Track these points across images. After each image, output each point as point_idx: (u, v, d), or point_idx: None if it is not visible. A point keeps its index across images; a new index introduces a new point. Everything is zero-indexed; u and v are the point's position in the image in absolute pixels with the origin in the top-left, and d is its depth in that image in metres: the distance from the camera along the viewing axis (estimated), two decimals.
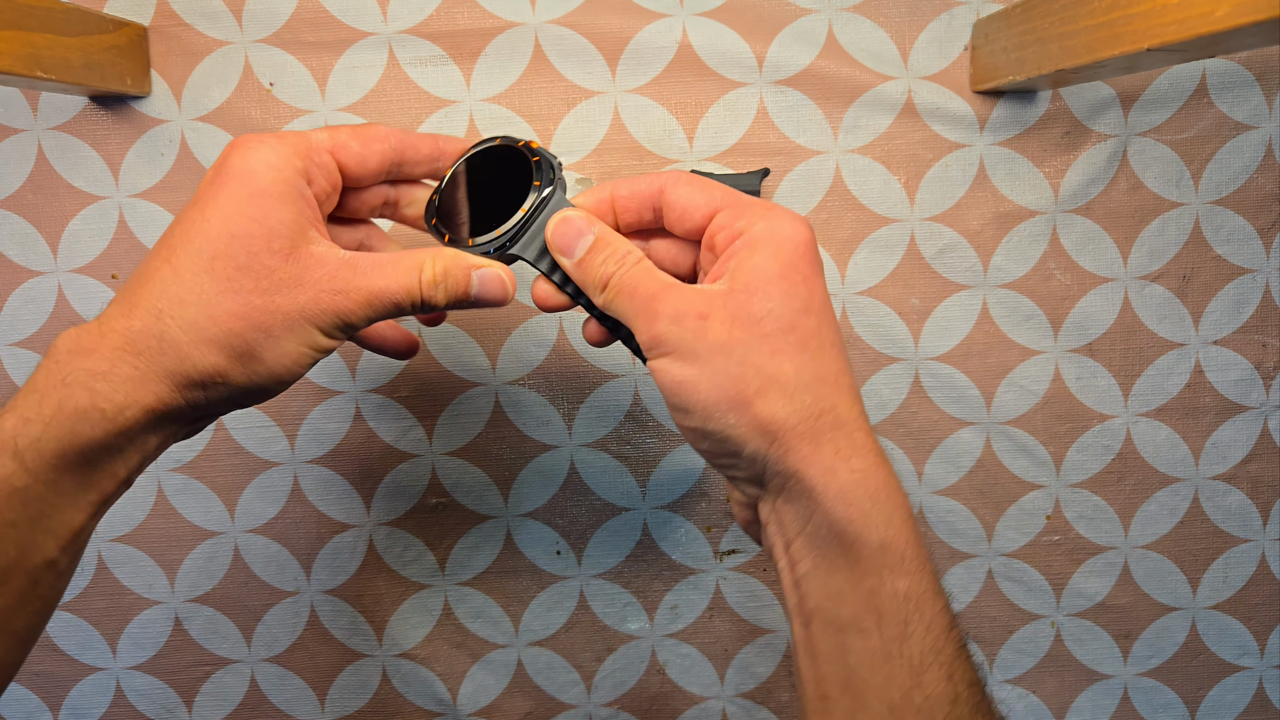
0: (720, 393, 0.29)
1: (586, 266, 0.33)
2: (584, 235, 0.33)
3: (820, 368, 0.30)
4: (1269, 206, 0.48)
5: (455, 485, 0.50)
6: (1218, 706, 0.51)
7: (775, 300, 0.30)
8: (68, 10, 0.40)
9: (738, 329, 0.30)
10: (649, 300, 0.31)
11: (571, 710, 0.51)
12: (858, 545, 0.29)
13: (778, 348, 0.30)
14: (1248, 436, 0.49)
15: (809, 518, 0.29)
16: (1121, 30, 0.32)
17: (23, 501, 0.28)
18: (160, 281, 0.30)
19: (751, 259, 0.31)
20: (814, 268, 0.31)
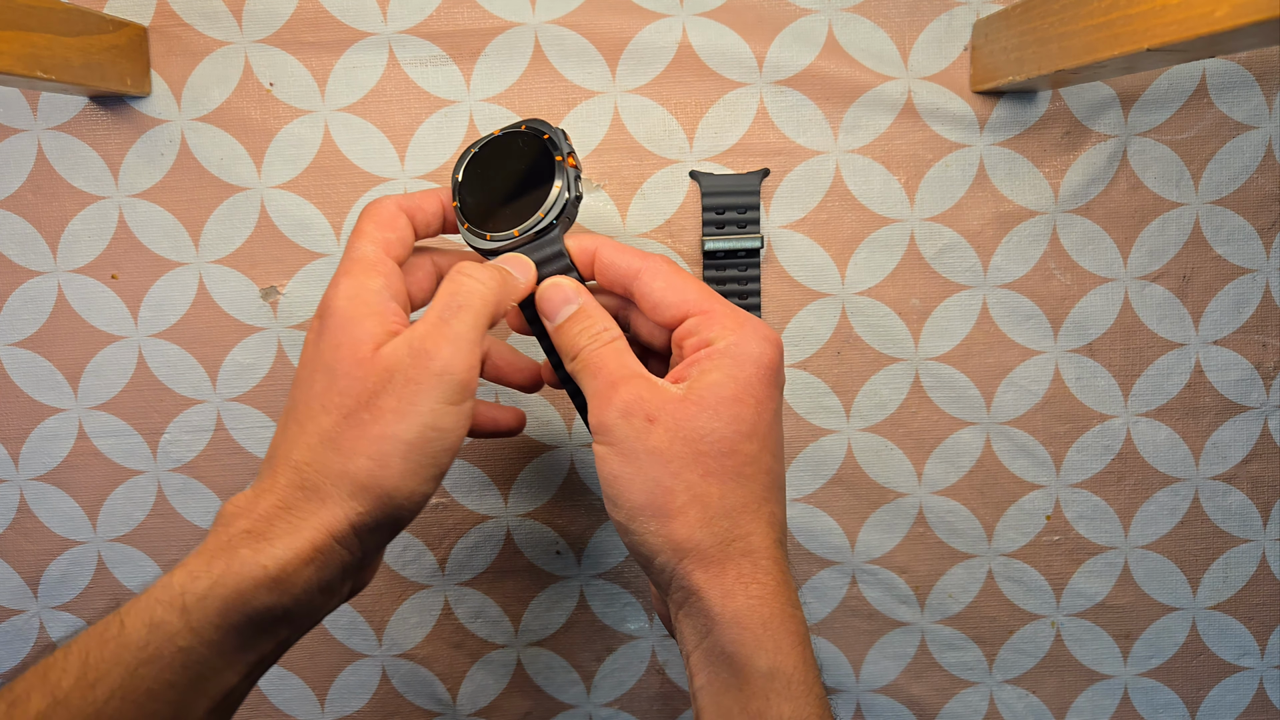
0: (647, 498, 0.31)
1: (563, 333, 0.34)
2: (568, 303, 0.34)
3: (746, 495, 0.31)
4: (1269, 206, 0.48)
5: (455, 485, 0.50)
6: (1218, 707, 0.51)
7: (721, 422, 0.31)
8: (68, 10, 0.40)
9: (678, 442, 0.31)
10: (608, 385, 0.32)
11: (571, 710, 0.51)
12: (746, 669, 0.30)
13: (711, 470, 0.31)
14: (1248, 436, 0.49)
15: (704, 636, 0.31)
16: (1121, 30, 0.32)
17: (184, 663, 0.28)
18: (290, 438, 0.31)
19: (711, 374, 0.32)
20: (769, 390, 0.32)
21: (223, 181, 0.47)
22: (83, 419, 0.49)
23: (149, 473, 0.49)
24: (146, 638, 0.28)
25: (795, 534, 0.50)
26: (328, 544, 0.30)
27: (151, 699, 0.28)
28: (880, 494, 0.49)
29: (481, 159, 0.37)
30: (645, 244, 0.48)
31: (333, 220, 0.47)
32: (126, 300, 0.48)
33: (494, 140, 0.37)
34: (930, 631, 0.50)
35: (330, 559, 0.30)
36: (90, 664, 0.28)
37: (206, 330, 0.48)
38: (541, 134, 0.36)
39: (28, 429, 0.49)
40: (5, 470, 0.49)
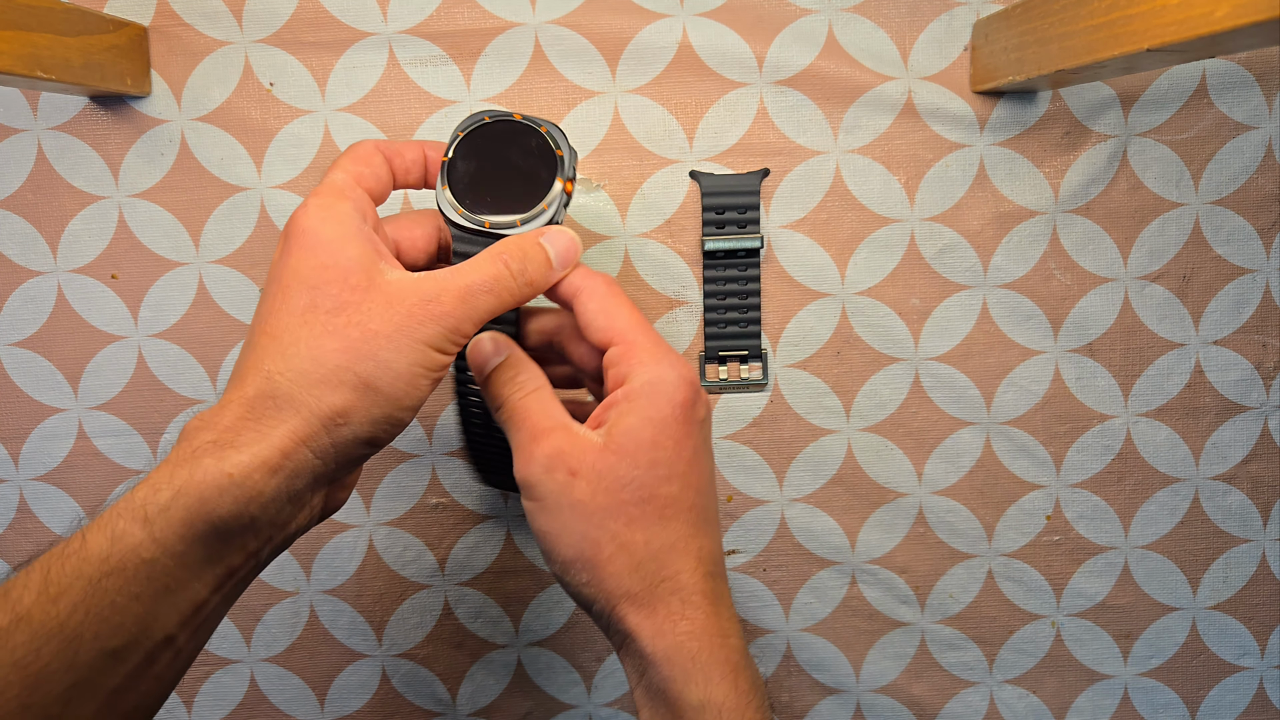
0: (575, 552, 0.32)
1: (491, 384, 0.35)
2: (494, 357, 0.35)
3: (671, 535, 0.32)
4: (1269, 206, 0.48)
5: (455, 485, 0.50)
6: (1218, 706, 0.51)
7: (640, 469, 0.32)
8: (68, 10, 0.40)
9: (600, 494, 0.32)
10: (530, 437, 0.33)
11: (571, 710, 0.51)
12: (679, 703, 0.31)
13: (634, 517, 0.32)
14: (1248, 436, 0.49)
15: (641, 675, 0.32)
16: (1121, 31, 0.32)
17: (149, 575, 0.27)
18: (261, 349, 0.30)
19: (627, 418, 0.32)
20: (685, 428, 0.33)
21: (223, 181, 0.47)
22: (83, 419, 0.49)
23: (149, 473, 0.49)
24: (109, 550, 0.27)
25: (795, 534, 0.50)
26: (297, 450, 0.29)
27: (115, 611, 0.27)
28: (880, 494, 0.49)
29: (477, 141, 0.36)
30: (645, 244, 0.48)
31: None
32: (126, 300, 0.48)
33: (490, 126, 0.36)
34: (930, 631, 0.50)
35: (300, 466, 0.29)
36: (51, 579, 0.27)
37: (206, 330, 0.48)
38: (539, 127, 0.36)
39: (28, 429, 0.49)
40: (5, 470, 0.49)
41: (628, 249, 0.48)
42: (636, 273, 0.48)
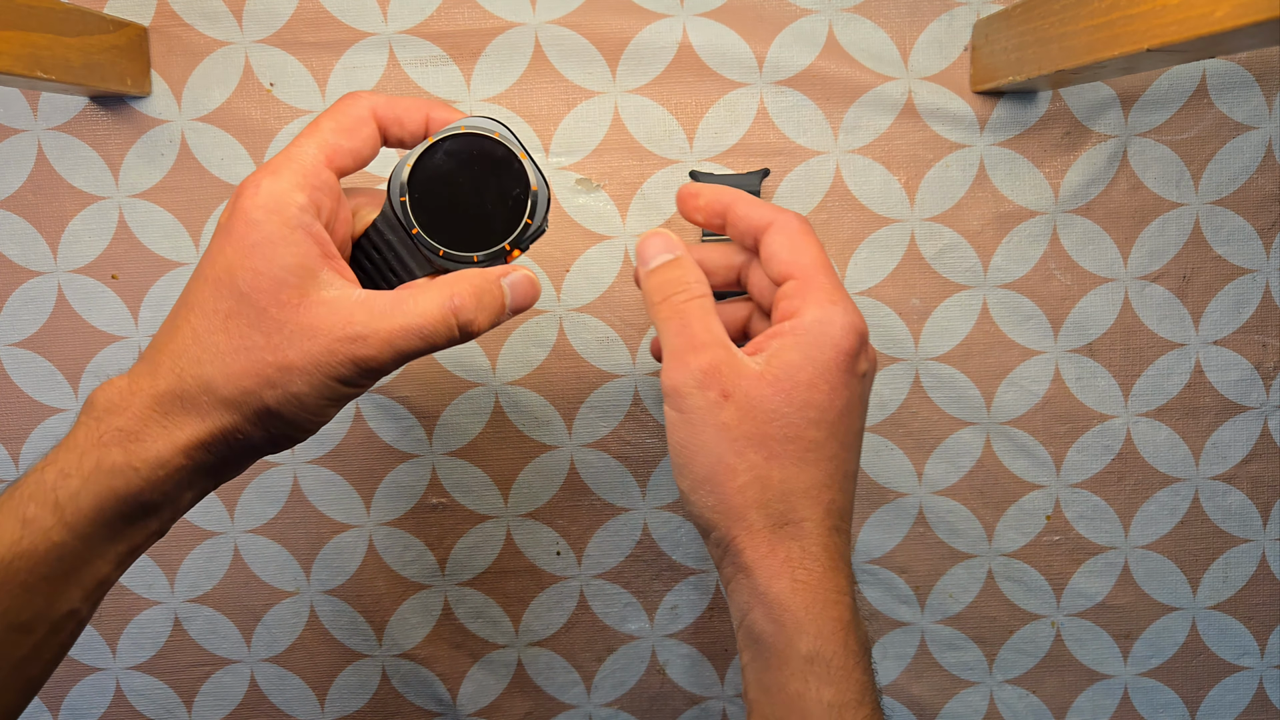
0: (709, 472, 0.31)
1: (655, 277, 0.34)
2: (665, 252, 0.35)
3: (805, 480, 0.32)
4: (1269, 207, 0.48)
5: (455, 485, 0.50)
6: (1218, 706, 0.51)
7: (792, 407, 0.31)
8: (68, 10, 0.40)
9: (747, 422, 0.31)
10: (689, 346, 0.32)
11: (571, 710, 0.51)
12: (787, 651, 0.31)
13: (775, 453, 0.31)
14: (1248, 436, 0.49)
15: (747, 613, 0.32)
16: (1121, 31, 0.32)
17: (59, 556, 0.28)
18: (180, 342, 0.30)
19: (789, 353, 0.32)
20: (846, 378, 0.32)
21: (223, 181, 0.47)
22: None
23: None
24: (20, 533, 0.28)
25: None
26: (197, 452, 0.30)
27: (26, 590, 0.28)
28: (880, 494, 0.49)
29: (450, 150, 0.33)
30: None
31: None
32: (126, 300, 0.48)
33: (468, 137, 0.33)
34: (930, 631, 0.50)
35: (200, 464, 0.30)
36: None
37: None
38: (491, 134, 0.33)
39: (28, 429, 0.49)
40: (5, 470, 0.49)
41: (628, 249, 0.48)
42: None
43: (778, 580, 0.31)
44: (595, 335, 0.48)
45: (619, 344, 0.48)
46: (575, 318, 0.48)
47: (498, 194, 0.34)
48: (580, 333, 0.48)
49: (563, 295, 0.48)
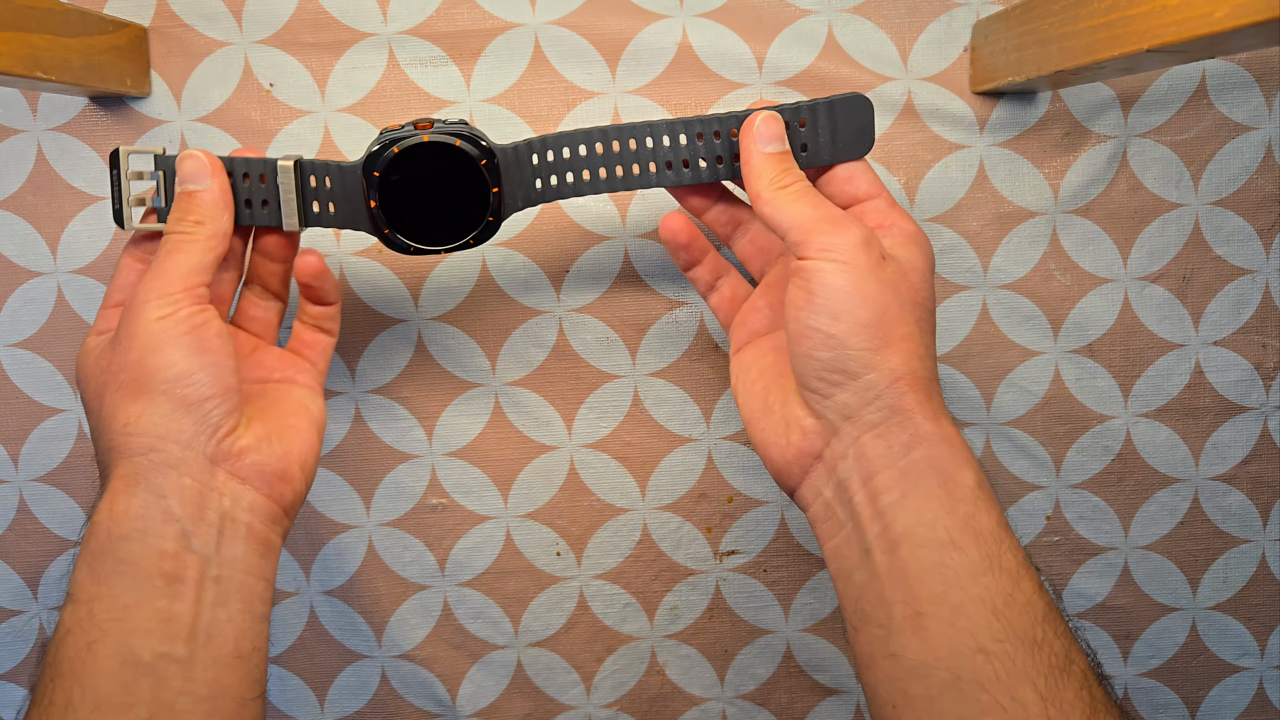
0: (875, 318, 0.32)
1: (781, 160, 0.36)
2: (780, 142, 0.37)
3: (933, 348, 0.35)
4: (1269, 207, 0.48)
5: (455, 485, 0.50)
6: (1218, 707, 0.51)
7: (926, 290, 0.35)
8: (68, 11, 0.40)
9: (904, 286, 0.34)
10: (839, 216, 0.34)
11: (571, 711, 0.51)
12: (955, 481, 0.32)
13: (922, 319, 0.34)
14: (1248, 437, 0.49)
15: (907, 452, 0.32)
16: (1121, 31, 0.32)
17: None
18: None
19: (906, 249, 0.35)
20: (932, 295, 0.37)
21: None
22: (82, 420, 0.49)
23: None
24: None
25: (795, 534, 0.50)
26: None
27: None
28: None
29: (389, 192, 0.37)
30: (645, 245, 0.48)
31: None
32: None
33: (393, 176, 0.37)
34: None
35: None
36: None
37: None
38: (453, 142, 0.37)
39: (28, 429, 0.49)
40: (5, 471, 0.49)
41: (628, 249, 0.48)
42: (637, 273, 0.48)
43: (940, 421, 0.33)
44: (595, 335, 0.48)
45: (619, 344, 0.48)
46: (575, 318, 0.48)
47: (460, 197, 0.38)
48: (580, 333, 0.48)
49: (563, 295, 0.48)
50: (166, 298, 0.33)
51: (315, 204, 0.38)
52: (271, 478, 0.34)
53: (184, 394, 0.33)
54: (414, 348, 0.48)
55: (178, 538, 0.32)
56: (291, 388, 0.39)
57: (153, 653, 0.30)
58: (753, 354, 0.39)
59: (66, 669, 0.30)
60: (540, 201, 0.39)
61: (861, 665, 0.33)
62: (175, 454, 0.32)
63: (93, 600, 0.31)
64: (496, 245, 0.47)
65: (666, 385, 0.49)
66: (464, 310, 0.48)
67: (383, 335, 0.48)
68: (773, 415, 0.36)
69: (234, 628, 0.32)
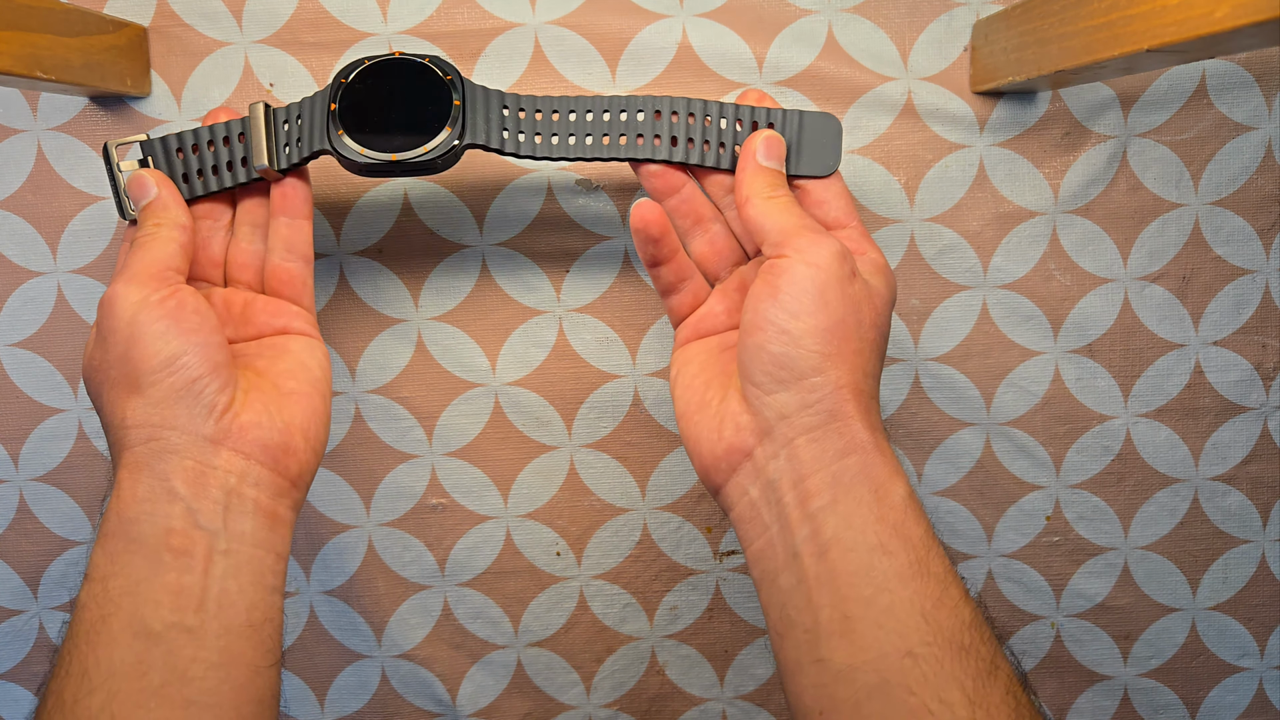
0: (832, 325, 0.33)
1: (768, 172, 0.37)
2: (778, 161, 0.38)
3: (878, 373, 0.35)
4: (1269, 207, 0.48)
5: (455, 486, 0.50)
6: (1218, 707, 0.51)
7: (884, 319, 0.35)
8: (68, 10, 0.40)
9: (865, 305, 0.34)
10: (815, 228, 0.35)
11: (571, 711, 0.51)
12: (886, 489, 0.32)
13: (876, 341, 0.35)
14: (1248, 437, 0.49)
15: (840, 458, 0.32)
16: (1121, 31, 0.32)
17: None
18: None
19: (873, 277, 0.36)
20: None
21: None
22: (83, 419, 0.49)
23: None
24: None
25: None
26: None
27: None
28: None
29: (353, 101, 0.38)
30: None
31: (332, 221, 0.47)
32: None
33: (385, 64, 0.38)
34: None
35: None
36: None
37: None
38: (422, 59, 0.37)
39: (28, 429, 0.49)
40: (5, 470, 0.49)
41: (628, 249, 0.48)
42: (637, 273, 0.48)
43: (878, 434, 0.33)
44: (595, 335, 0.48)
45: (619, 344, 0.48)
46: (575, 318, 0.48)
47: (422, 106, 0.37)
48: (580, 333, 0.48)
49: (563, 295, 0.48)
50: (136, 284, 0.34)
51: (287, 148, 0.39)
52: (275, 450, 0.34)
53: (173, 380, 0.33)
54: (414, 348, 0.48)
55: (183, 515, 0.32)
56: (288, 341, 0.39)
57: (164, 623, 0.31)
58: (697, 350, 0.39)
59: (82, 640, 0.31)
60: (507, 150, 0.38)
61: (786, 672, 0.33)
62: (174, 440, 0.33)
63: (106, 578, 0.32)
64: (497, 245, 0.47)
65: (667, 385, 0.49)
66: (464, 310, 0.48)
67: (383, 335, 0.48)
68: (708, 410, 0.36)
69: (245, 599, 0.33)
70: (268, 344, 0.39)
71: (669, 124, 0.38)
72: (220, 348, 0.34)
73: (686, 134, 0.38)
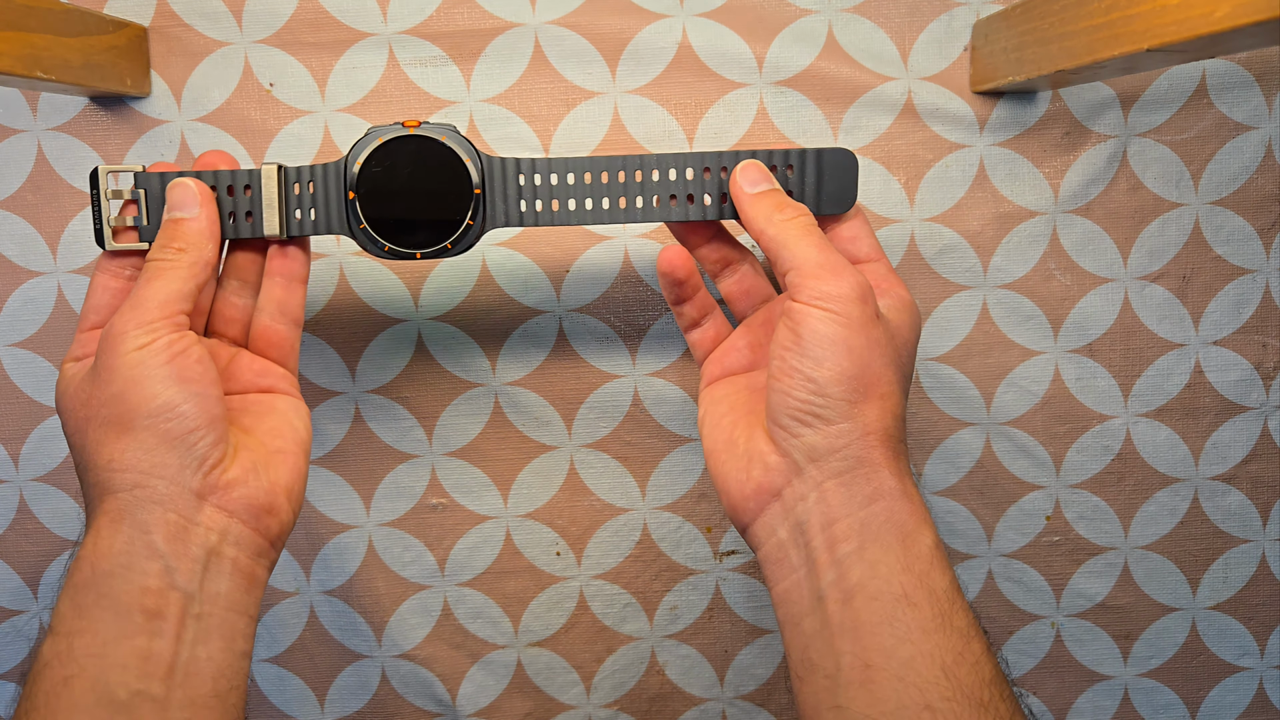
0: (858, 371, 0.33)
1: (769, 197, 0.37)
2: (767, 181, 0.37)
3: (904, 422, 0.35)
4: (1269, 207, 0.48)
5: (455, 485, 0.50)
6: (1218, 707, 0.51)
7: (909, 357, 0.36)
8: (68, 10, 0.40)
9: (890, 346, 0.34)
10: (839, 263, 0.34)
11: (571, 711, 0.51)
12: (914, 538, 0.32)
13: (900, 382, 0.34)
14: (1248, 436, 0.49)
15: (868, 504, 0.32)
16: (1121, 31, 0.32)
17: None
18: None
19: (896, 314, 0.36)
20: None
21: None
22: None
23: None
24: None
25: None
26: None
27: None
28: None
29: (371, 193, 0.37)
30: (645, 244, 0.48)
31: None
32: None
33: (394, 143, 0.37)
34: None
35: None
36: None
37: None
38: (439, 138, 0.36)
39: (28, 429, 0.49)
40: (5, 470, 0.49)
41: (628, 249, 0.48)
42: (636, 273, 0.48)
43: (906, 480, 0.33)
44: (595, 335, 0.48)
45: (619, 344, 0.48)
46: (575, 318, 0.48)
47: (442, 195, 0.37)
48: (580, 333, 0.48)
49: (563, 295, 0.48)
50: (144, 327, 0.33)
51: (298, 212, 0.37)
52: (259, 511, 0.34)
53: (168, 428, 0.32)
54: (414, 348, 0.48)
55: (161, 574, 0.31)
56: (274, 400, 0.38)
57: (129, 690, 0.30)
58: (725, 389, 0.39)
59: (41, 702, 0.30)
60: (525, 223, 0.38)
61: (805, 716, 0.33)
62: (161, 490, 0.32)
63: (72, 634, 0.30)
64: (496, 245, 0.47)
65: (666, 385, 0.49)
66: (464, 310, 0.48)
67: (383, 335, 0.48)
68: (736, 449, 0.36)
69: (213, 666, 0.32)
70: (253, 400, 0.38)
71: (684, 181, 0.38)
72: (218, 401, 0.33)
73: (702, 190, 0.38)
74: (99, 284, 0.37)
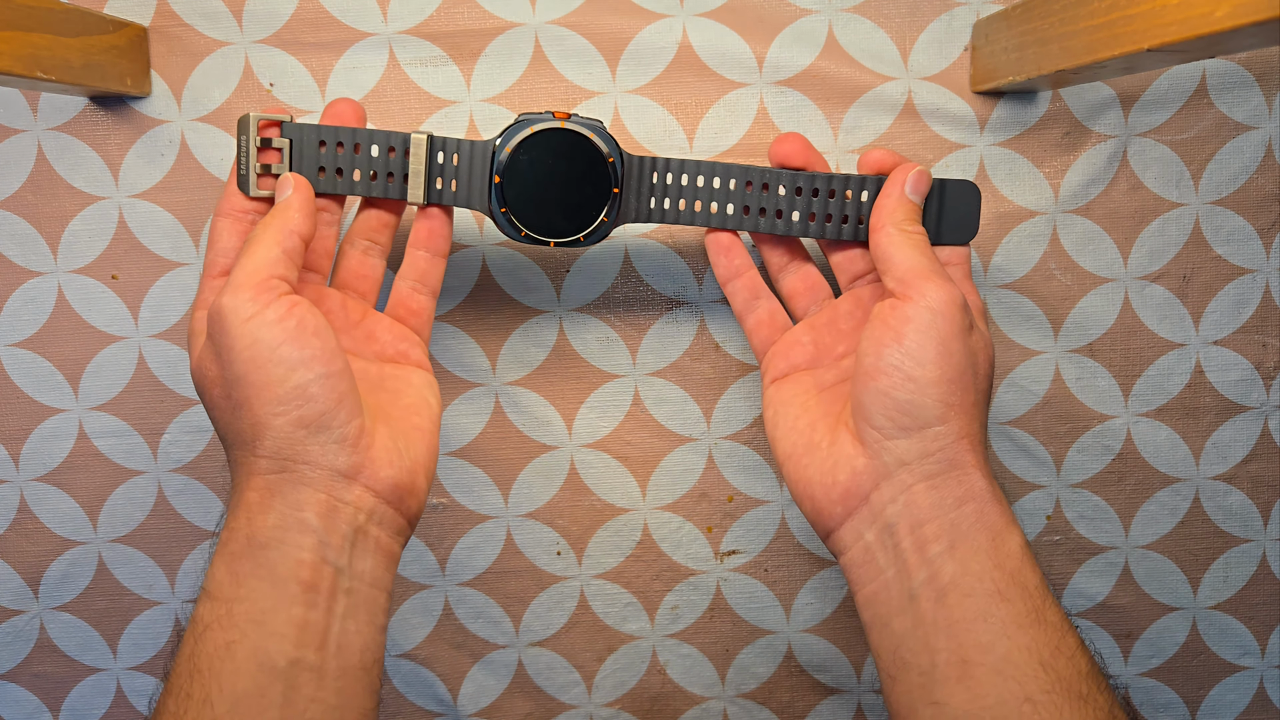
0: (954, 375, 0.34)
1: (917, 209, 0.38)
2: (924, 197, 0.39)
3: (987, 431, 0.37)
4: (1269, 207, 0.48)
5: (455, 485, 0.50)
6: (1218, 706, 0.52)
7: (990, 371, 0.37)
8: (68, 10, 0.40)
9: (979, 355, 0.35)
10: (941, 272, 0.35)
11: (572, 710, 0.51)
12: (1003, 538, 0.33)
13: (986, 392, 0.36)
14: (1248, 436, 0.49)
15: (959, 506, 0.33)
16: (1121, 31, 0.32)
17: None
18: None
19: (983, 339, 0.36)
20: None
21: (223, 182, 0.47)
22: (83, 419, 0.49)
23: (149, 473, 0.49)
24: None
25: (795, 534, 0.50)
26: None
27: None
28: None
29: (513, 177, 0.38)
30: (645, 244, 0.48)
31: None
32: (126, 300, 0.48)
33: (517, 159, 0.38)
34: None
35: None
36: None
37: None
38: (587, 134, 0.38)
39: (28, 429, 0.49)
40: (5, 470, 0.49)
41: (628, 249, 0.48)
42: (637, 273, 0.48)
43: (993, 482, 0.34)
44: (595, 335, 0.48)
45: (619, 344, 0.48)
46: (575, 318, 0.48)
47: (582, 188, 0.39)
48: (580, 333, 0.48)
49: (563, 295, 0.48)
50: (244, 296, 0.32)
51: (439, 180, 0.39)
52: (403, 492, 0.34)
53: (301, 414, 0.32)
54: None
55: (315, 548, 0.32)
56: (410, 374, 0.39)
57: (287, 658, 0.30)
58: (793, 388, 0.39)
59: (205, 665, 0.30)
60: (653, 220, 0.40)
61: (898, 716, 0.33)
62: (308, 474, 0.32)
63: (232, 601, 0.31)
64: (496, 245, 0.48)
65: (667, 385, 0.49)
66: (464, 310, 0.48)
67: None
68: (818, 452, 0.36)
69: (360, 639, 0.32)
70: (390, 374, 0.38)
71: (808, 201, 0.40)
72: (344, 375, 0.33)
73: (825, 210, 0.40)
74: (225, 228, 0.38)
